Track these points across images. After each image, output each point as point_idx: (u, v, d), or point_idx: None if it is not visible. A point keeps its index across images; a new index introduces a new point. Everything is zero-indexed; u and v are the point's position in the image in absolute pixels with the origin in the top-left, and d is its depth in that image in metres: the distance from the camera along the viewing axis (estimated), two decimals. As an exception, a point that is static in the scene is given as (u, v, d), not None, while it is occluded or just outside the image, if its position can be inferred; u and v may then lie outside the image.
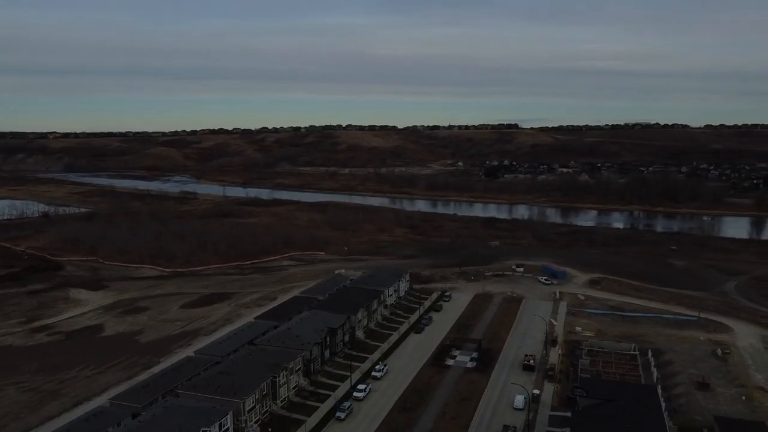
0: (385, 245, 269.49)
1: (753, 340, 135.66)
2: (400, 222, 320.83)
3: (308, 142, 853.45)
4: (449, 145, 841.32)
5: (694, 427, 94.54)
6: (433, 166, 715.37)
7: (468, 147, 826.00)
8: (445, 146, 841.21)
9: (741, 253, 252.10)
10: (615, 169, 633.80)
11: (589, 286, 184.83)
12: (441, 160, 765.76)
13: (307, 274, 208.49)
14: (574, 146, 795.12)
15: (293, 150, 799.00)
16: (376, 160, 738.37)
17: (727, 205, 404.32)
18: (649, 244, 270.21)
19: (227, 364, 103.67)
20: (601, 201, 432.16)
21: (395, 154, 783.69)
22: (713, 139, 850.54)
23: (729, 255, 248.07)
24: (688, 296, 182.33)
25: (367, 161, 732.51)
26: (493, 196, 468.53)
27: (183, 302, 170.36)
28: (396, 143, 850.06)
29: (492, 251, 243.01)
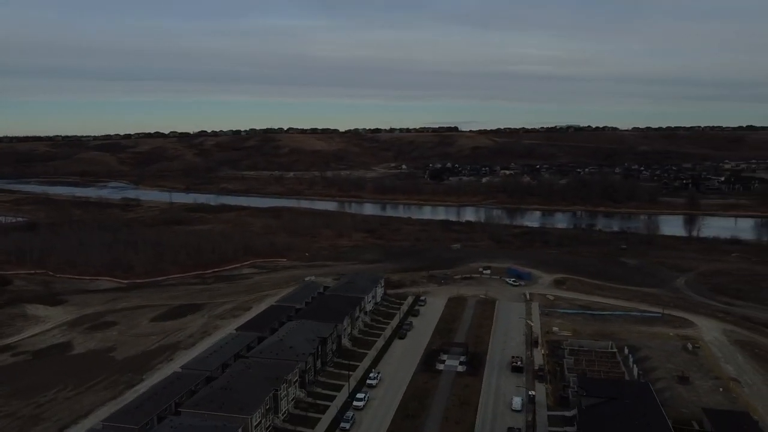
0: (346, 250, 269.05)
1: (716, 333, 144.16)
2: (357, 226, 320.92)
3: (249, 145, 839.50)
4: (391, 148, 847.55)
5: (683, 420, 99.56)
6: (377, 169, 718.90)
7: (410, 150, 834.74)
8: (387, 149, 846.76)
9: (684, 251, 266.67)
10: (553, 170, 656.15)
11: (555, 287, 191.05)
12: (384, 163, 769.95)
13: (274, 282, 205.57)
14: (513, 148, 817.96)
15: (234, 154, 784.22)
16: (319, 163, 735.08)
17: (662, 205, 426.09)
18: (600, 243, 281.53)
19: (226, 378, 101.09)
20: (545, 202, 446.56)
21: (338, 157, 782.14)
22: (641, 140, 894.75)
23: (674, 252, 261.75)
24: (645, 293, 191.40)
25: (311, 165, 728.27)
26: (442, 198, 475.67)
27: (152, 315, 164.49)
28: (338, 146, 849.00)
29: (454, 254, 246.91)
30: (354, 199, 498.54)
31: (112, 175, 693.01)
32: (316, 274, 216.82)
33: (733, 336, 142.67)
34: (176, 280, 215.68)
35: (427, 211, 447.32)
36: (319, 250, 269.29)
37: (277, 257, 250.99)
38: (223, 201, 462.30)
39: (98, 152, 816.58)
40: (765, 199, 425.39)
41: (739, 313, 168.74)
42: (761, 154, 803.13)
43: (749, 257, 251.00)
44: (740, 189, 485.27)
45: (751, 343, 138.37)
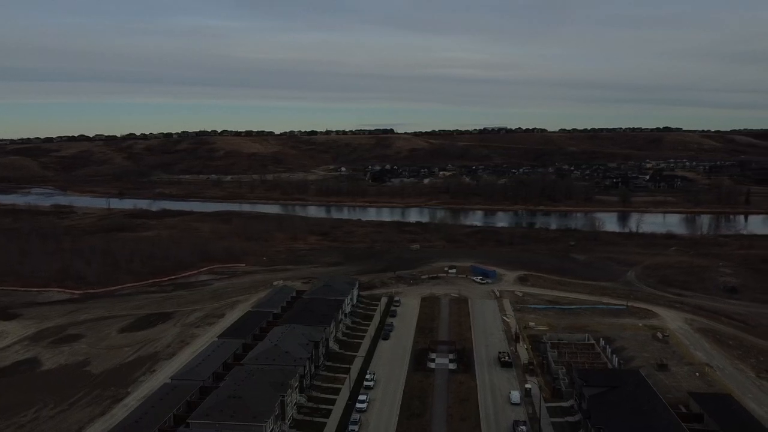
0: (303, 253, 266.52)
1: (679, 323, 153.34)
2: (310, 229, 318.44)
3: (182, 148, 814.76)
4: (329, 151, 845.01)
5: (670, 404, 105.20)
6: (316, 171, 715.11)
7: (348, 152, 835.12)
8: (324, 151, 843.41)
9: (627, 246, 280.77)
10: (490, 171, 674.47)
11: (520, 283, 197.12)
12: (323, 165, 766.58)
13: (238, 288, 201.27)
14: (448, 150, 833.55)
15: (167, 157, 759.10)
16: (256, 166, 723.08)
17: (597, 203, 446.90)
18: (549, 241, 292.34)
19: (230, 387, 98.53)
20: (487, 202, 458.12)
21: (276, 160, 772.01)
22: (568, 142, 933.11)
23: (618, 248, 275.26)
24: (602, 287, 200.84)
25: (248, 168, 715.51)
26: (387, 200, 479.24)
27: (120, 326, 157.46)
28: (275, 149, 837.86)
29: (414, 254, 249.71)
30: (298, 201, 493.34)
31: (35, 181, 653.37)
32: (279, 278, 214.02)
33: (694, 324, 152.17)
34: (132, 289, 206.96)
35: (373, 212, 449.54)
36: (276, 254, 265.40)
37: (234, 262, 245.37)
38: (162, 206, 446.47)
39: (17, 156, 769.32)
40: (688, 196, 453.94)
41: (692, 303, 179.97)
42: (677, 154, 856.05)
43: (686, 250, 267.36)
44: (665, 187, 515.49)
45: (712, 331, 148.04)
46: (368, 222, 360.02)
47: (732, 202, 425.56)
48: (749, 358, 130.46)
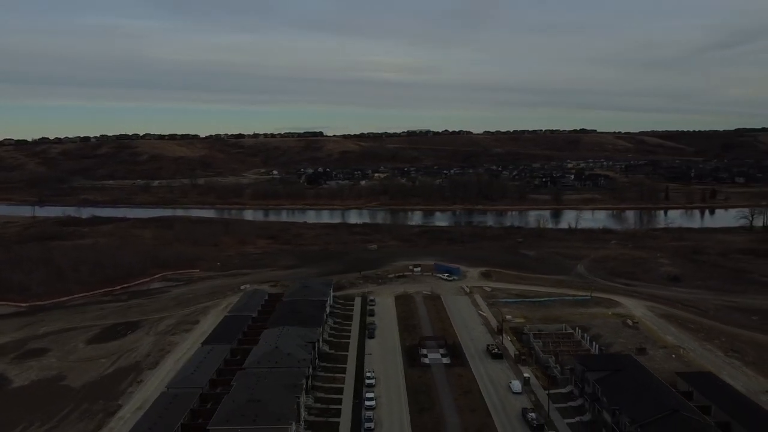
0: (257, 257, 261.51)
1: (643, 310, 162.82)
2: (258, 233, 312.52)
3: (102, 153, 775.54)
4: (258, 154, 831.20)
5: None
6: (248, 175, 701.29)
7: (278, 155, 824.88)
8: (254, 155, 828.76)
9: (570, 241, 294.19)
10: (422, 172, 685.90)
11: (485, 279, 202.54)
12: (254, 168, 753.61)
13: (200, 294, 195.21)
14: (379, 152, 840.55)
15: (87, 162, 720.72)
16: (184, 170, 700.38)
17: (531, 201, 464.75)
18: (496, 238, 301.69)
19: (243, 391, 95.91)
20: (426, 202, 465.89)
21: (204, 164, 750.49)
22: (493, 143, 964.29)
23: (563, 243, 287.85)
24: (559, 280, 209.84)
25: (175, 172, 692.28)
26: (326, 202, 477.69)
27: (86, 338, 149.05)
28: (202, 153, 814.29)
29: (373, 255, 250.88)
30: (235, 206, 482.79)
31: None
32: (238, 283, 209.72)
33: (656, 311, 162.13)
34: (84, 299, 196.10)
35: (312, 215, 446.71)
36: (229, 258, 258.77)
37: (187, 268, 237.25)
38: (90, 213, 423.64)
39: None
40: (613, 193, 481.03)
41: (645, 292, 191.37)
42: (594, 154, 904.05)
43: (625, 244, 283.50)
44: (590, 185, 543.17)
45: (673, 316, 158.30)
46: (315, 224, 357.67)
47: (653, 199, 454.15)
48: (713, 339, 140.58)
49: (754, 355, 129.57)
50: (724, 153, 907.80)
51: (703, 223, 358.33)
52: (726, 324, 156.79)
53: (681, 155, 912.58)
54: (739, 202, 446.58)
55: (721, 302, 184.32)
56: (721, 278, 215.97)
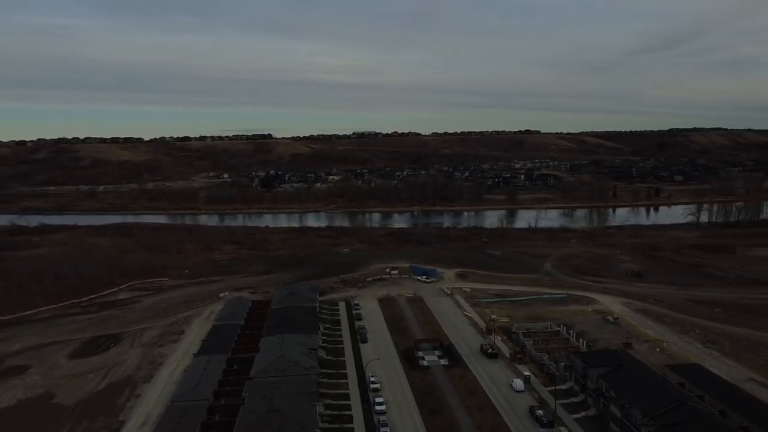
0: (225, 263, 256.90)
1: (619, 306, 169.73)
2: (223, 238, 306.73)
3: (41, 157, 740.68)
4: (207, 157, 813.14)
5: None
6: (197, 179, 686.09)
7: (227, 158, 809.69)
8: (202, 158, 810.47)
9: (533, 240, 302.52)
10: (375, 174, 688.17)
11: (462, 280, 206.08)
12: (202, 172, 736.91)
13: (175, 303, 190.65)
14: (330, 154, 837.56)
15: (24, 168, 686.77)
16: (129, 175, 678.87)
17: (486, 201, 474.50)
18: (460, 238, 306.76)
19: (259, 401, 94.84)
20: (384, 204, 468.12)
21: (150, 168, 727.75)
22: (441, 144, 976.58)
23: (525, 242, 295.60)
24: (531, 278, 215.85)
25: (120, 177, 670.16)
26: (284, 205, 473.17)
27: (67, 352, 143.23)
28: (147, 156, 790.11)
29: (346, 258, 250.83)
30: (189, 211, 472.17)
31: None
32: (211, 290, 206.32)
33: (632, 307, 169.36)
34: (51, 312, 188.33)
35: (269, 219, 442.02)
36: (197, 265, 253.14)
37: (155, 277, 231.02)
38: (37, 221, 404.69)
39: None
40: (564, 193, 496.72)
41: (616, 289, 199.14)
42: (539, 155, 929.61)
43: (585, 242, 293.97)
44: (541, 185, 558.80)
45: (648, 311, 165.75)
46: (279, 228, 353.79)
47: (602, 197, 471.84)
48: (689, 332, 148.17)
49: (729, 346, 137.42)
50: (660, 152, 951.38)
51: (656, 220, 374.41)
52: (696, 317, 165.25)
53: (620, 155, 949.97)
54: (681, 199, 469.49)
55: (685, 296, 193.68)
56: (680, 273, 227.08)
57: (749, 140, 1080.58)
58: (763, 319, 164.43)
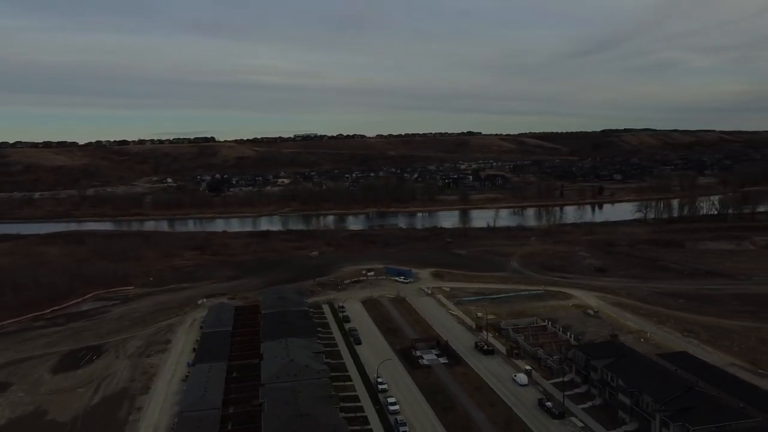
0: (190, 270, 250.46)
1: (596, 300, 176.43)
2: (183, 244, 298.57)
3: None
4: (147, 161, 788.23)
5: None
6: (140, 184, 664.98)
7: (169, 162, 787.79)
8: (142, 162, 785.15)
9: (494, 239, 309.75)
10: (325, 176, 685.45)
11: (438, 280, 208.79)
12: (144, 177, 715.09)
13: (147, 312, 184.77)
14: (276, 157, 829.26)
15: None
16: (66, 180, 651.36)
17: (440, 202, 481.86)
18: (423, 239, 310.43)
19: (281, 407, 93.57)
20: (339, 206, 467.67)
21: (88, 173, 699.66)
22: (387, 146, 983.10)
23: (487, 241, 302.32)
24: (502, 276, 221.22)
25: (55, 183, 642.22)
26: (237, 209, 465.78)
27: (48, 367, 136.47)
28: (83, 161, 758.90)
29: (317, 261, 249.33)
30: (136, 217, 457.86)
31: None
32: (184, 297, 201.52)
33: (607, 300, 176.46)
34: (16, 325, 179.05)
35: (221, 224, 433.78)
36: (161, 272, 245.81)
37: (119, 286, 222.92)
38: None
39: None
40: (513, 193, 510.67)
41: (586, 284, 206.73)
42: (482, 156, 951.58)
43: (544, 239, 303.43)
44: (489, 185, 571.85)
45: (622, 304, 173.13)
46: (240, 233, 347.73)
47: (551, 196, 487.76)
48: (665, 322, 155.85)
49: (705, 335, 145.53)
50: (595, 152, 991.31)
51: (607, 217, 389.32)
52: (666, 308, 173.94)
53: (558, 155, 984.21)
54: (623, 197, 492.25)
55: (649, 289, 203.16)
56: (639, 267, 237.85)
57: (676, 140, 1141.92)
58: (724, 307, 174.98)
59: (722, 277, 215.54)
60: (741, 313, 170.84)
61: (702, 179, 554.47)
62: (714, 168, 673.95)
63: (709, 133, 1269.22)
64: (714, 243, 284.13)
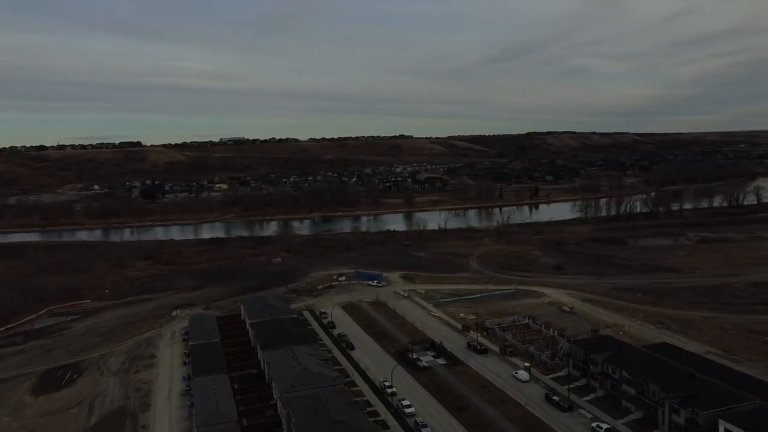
0: (146, 281, 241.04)
1: (567, 297, 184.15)
2: (133, 255, 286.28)
3: None
4: (70, 167, 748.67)
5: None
6: (64, 191, 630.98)
7: (94, 168, 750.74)
8: (65, 168, 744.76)
9: (448, 240, 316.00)
10: (262, 181, 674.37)
11: (410, 282, 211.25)
12: (68, 184, 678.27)
13: (112, 327, 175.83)
14: (208, 162, 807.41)
15: None
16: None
17: (385, 205, 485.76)
18: (381, 242, 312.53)
19: (316, 415, 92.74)
20: (284, 211, 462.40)
21: (5, 180, 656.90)
22: (321, 150, 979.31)
23: (442, 243, 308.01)
24: (467, 277, 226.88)
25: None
26: (177, 217, 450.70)
27: (26, 389, 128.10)
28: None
29: (282, 268, 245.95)
30: (68, 227, 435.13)
31: None
32: (148, 309, 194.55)
33: (577, 297, 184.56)
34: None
35: (161, 232, 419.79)
36: (115, 284, 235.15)
37: (74, 300, 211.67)
38: None
39: None
40: (454, 194, 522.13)
41: (549, 282, 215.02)
42: (415, 158, 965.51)
43: (497, 240, 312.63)
44: (429, 188, 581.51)
45: (592, 300, 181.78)
46: (190, 241, 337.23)
47: (491, 198, 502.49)
48: (636, 316, 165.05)
49: (675, 326, 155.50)
50: (521, 154, 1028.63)
51: (551, 216, 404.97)
52: (629, 302, 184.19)
53: (487, 157, 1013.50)
54: (558, 198, 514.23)
55: (607, 284, 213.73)
56: (592, 264, 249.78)
57: (595, 142, 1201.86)
58: (680, 300, 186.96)
59: (669, 272, 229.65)
60: (695, 304, 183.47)
61: (626, 179, 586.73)
62: (635, 168, 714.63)
63: (624, 135, 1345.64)
64: (653, 239, 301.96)
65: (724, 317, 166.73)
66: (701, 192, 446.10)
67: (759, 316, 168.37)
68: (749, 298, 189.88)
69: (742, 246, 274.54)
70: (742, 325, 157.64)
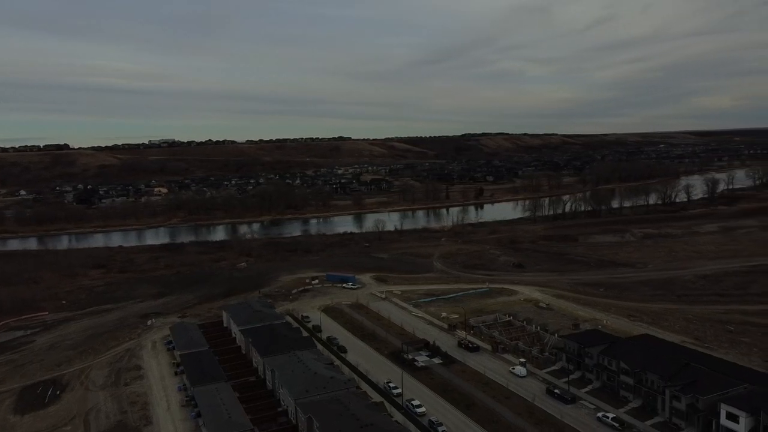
0: (103, 290, 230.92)
1: (539, 294, 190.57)
2: (83, 263, 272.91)
3: None
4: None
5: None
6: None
7: (18, 172, 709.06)
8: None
9: (407, 241, 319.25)
10: (202, 184, 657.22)
11: (383, 284, 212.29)
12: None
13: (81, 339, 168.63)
14: (143, 165, 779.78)
15: None
16: None
17: (335, 207, 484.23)
18: (340, 244, 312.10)
19: (340, 419, 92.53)
20: (231, 215, 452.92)
21: None
22: (259, 152, 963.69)
23: (402, 244, 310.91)
24: (436, 277, 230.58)
25: None
26: (119, 222, 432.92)
27: (8, 408, 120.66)
28: None
29: (245, 273, 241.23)
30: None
31: None
32: (114, 320, 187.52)
33: (548, 293, 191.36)
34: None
35: (101, 239, 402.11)
36: (70, 294, 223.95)
37: (29, 312, 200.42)
38: None
39: None
40: (401, 195, 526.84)
41: (517, 280, 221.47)
42: (355, 160, 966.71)
43: (454, 240, 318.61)
44: (375, 189, 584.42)
45: (563, 296, 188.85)
46: (141, 247, 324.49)
47: (438, 198, 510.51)
48: (608, 309, 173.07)
49: (648, 318, 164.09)
50: (458, 155, 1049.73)
51: (504, 216, 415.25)
52: (596, 297, 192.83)
53: (426, 158, 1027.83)
54: (502, 197, 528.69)
55: (569, 280, 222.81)
56: (551, 261, 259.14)
57: (527, 143, 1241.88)
58: (640, 293, 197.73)
59: (623, 267, 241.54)
60: (655, 296, 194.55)
61: (563, 179, 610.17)
62: (569, 168, 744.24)
63: (554, 136, 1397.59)
64: (601, 236, 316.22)
65: (684, 308, 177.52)
66: (636, 190, 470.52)
67: (714, 306, 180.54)
68: (701, 289, 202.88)
69: (683, 241, 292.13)
70: (703, 316, 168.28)
